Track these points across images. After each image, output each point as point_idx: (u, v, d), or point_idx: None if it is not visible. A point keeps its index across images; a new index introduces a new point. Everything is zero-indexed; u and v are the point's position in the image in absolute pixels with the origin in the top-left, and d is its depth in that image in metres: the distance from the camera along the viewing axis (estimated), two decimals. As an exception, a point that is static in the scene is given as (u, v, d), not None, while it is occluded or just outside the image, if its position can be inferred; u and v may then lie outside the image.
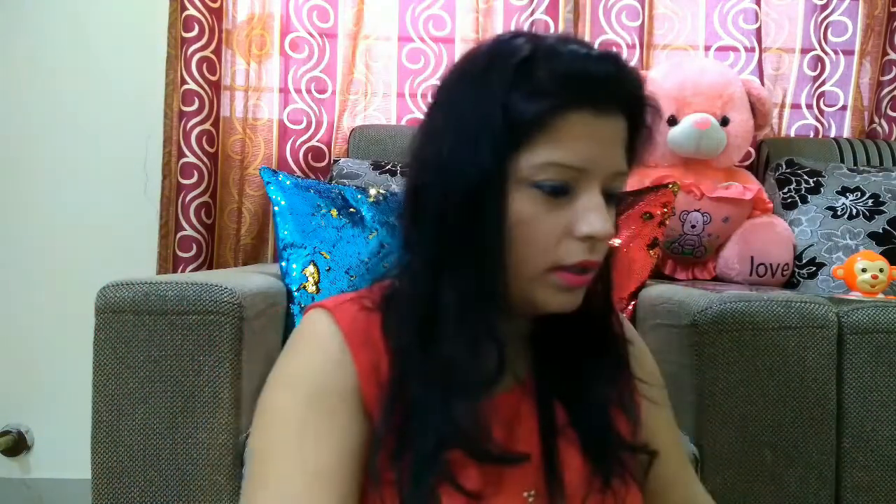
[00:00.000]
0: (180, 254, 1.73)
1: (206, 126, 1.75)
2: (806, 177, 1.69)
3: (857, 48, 1.88)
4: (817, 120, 1.89)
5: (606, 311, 0.66)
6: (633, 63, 1.79)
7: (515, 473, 0.59)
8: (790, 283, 1.61)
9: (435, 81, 0.65)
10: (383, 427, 0.57)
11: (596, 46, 0.59)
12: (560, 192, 0.57)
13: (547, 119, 0.55)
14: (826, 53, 1.88)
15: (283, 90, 1.84)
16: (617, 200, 0.62)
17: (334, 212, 1.30)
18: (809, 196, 1.66)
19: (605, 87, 0.57)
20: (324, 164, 1.84)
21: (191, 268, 1.73)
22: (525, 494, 0.60)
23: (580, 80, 0.55)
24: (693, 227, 1.60)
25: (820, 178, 1.68)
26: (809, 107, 1.90)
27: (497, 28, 1.83)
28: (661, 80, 1.65)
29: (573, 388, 0.64)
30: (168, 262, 1.74)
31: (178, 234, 1.73)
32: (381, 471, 0.56)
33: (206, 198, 1.76)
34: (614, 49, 1.84)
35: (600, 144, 0.57)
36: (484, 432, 0.57)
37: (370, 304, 0.62)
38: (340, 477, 0.55)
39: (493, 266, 0.57)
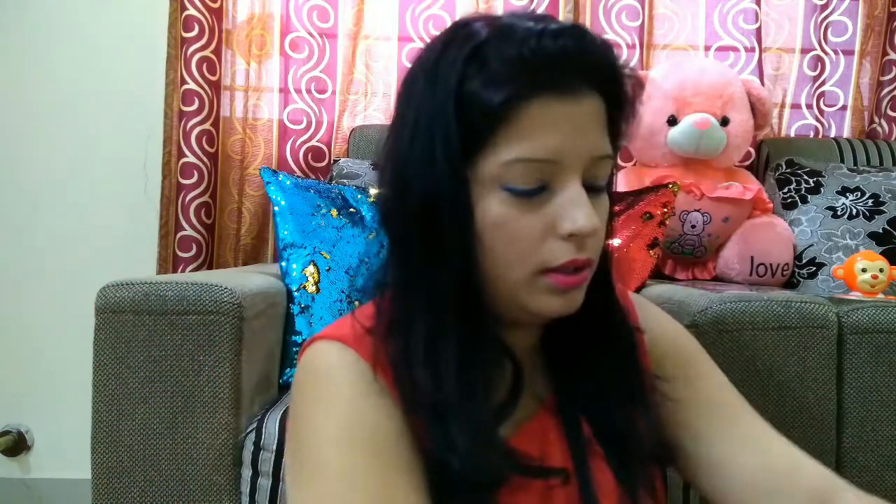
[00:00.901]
0: (180, 254, 1.73)
1: (206, 126, 1.75)
2: (806, 177, 1.69)
3: (857, 48, 1.88)
4: (817, 120, 1.89)
5: (609, 309, 0.61)
6: (632, 63, 1.81)
7: (561, 500, 0.55)
8: (790, 283, 1.60)
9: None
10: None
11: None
12: (534, 193, 0.52)
13: (506, 111, 0.50)
14: (826, 53, 1.88)
15: (283, 90, 1.84)
16: (608, 189, 0.56)
17: (334, 212, 1.30)
18: (809, 196, 1.66)
19: (566, 65, 0.50)
20: (324, 164, 1.84)
21: (191, 268, 1.73)
22: None
23: (536, 62, 0.49)
24: (693, 227, 1.60)
25: (820, 178, 1.67)
26: (809, 107, 1.89)
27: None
28: (661, 80, 1.65)
29: (590, 397, 0.60)
30: (168, 262, 1.74)
31: (178, 234, 1.73)
32: None
33: (206, 198, 1.76)
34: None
35: (571, 131, 0.51)
36: (513, 454, 0.53)
37: (366, 327, 0.56)
38: None
39: (458, 277, 0.52)
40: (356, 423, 0.52)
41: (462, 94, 0.50)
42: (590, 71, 0.52)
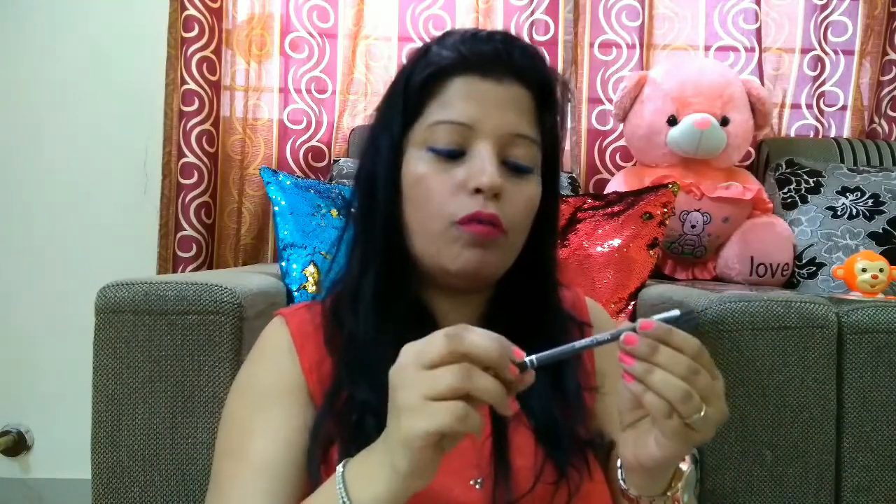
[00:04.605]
0: (180, 254, 1.73)
1: (206, 126, 1.75)
2: (806, 177, 1.69)
3: (857, 48, 1.88)
4: (817, 120, 1.89)
5: (545, 294, 0.68)
6: (632, 63, 1.82)
7: (462, 459, 0.58)
8: (790, 283, 1.60)
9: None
10: (324, 414, 0.60)
11: (596, 46, 0.60)
12: (454, 155, 0.61)
13: (435, 84, 0.62)
14: (826, 53, 1.88)
15: (283, 90, 1.84)
16: (537, 175, 0.64)
17: (334, 212, 1.30)
18: (809, 196, 1.66)
19: (492, 58, 0.62)
20: (324, 164, 1.84)
21: (191, 268, 1.73)
22: (472, 482, 0.59)
23: (465, 52, 0.62)
24: (693, 227, 1.60)
25: (820, 178, 1.68)
26: (809, 107, 1.89)
27: (497, 28, 1.83)
28: (661, 80, 1.64)
29: None
30: (168, 262, 1.74)
31: (178, 234, 1.73)
32: (329, 453, 0.59)
33: (206, 198, 1.76)
34: (614, 50, 1.85)
35: (488, 105, 0.61)
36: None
37: (325, 306, 0.67)
38: (283, 465, 0.59)
39: (384, 224, 0.62)
40: (255, 376, 0.65)
41: (408, 85, 0.63)
42: (517, 69, 0.63)
